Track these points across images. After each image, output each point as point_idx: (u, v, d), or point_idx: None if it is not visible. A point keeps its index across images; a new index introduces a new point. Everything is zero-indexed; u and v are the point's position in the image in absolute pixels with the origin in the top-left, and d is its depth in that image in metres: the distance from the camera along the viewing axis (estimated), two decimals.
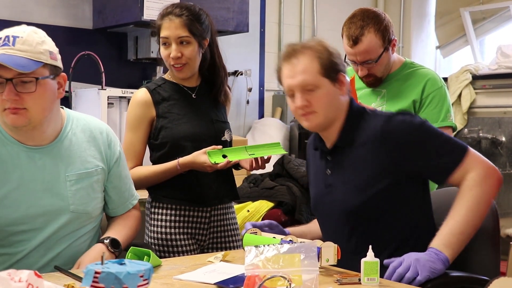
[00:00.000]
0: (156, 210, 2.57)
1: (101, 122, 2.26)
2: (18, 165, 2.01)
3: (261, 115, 5.24)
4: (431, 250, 1.97)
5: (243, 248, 2.03)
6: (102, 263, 1.29)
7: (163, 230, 2.54)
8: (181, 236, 2.54)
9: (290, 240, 1.98)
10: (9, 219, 1.99)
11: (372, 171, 2.06)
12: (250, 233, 2.13)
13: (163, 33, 2.51)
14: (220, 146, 2.47)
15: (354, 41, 2.63)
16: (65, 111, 2.16)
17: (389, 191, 2.05)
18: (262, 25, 5.26)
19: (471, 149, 2.07)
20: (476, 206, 2.01)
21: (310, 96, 2.06)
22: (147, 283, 1.28)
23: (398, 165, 2.05)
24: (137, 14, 3.97)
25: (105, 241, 2.09)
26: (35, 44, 1.93)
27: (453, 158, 2.04)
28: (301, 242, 1.88)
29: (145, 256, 1.99)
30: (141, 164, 2.57)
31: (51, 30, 2.22)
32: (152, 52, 4.20)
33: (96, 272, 1.25)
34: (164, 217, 2.55)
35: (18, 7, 4.05)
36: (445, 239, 1.98)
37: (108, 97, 3.80)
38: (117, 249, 2.09)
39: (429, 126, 2.10)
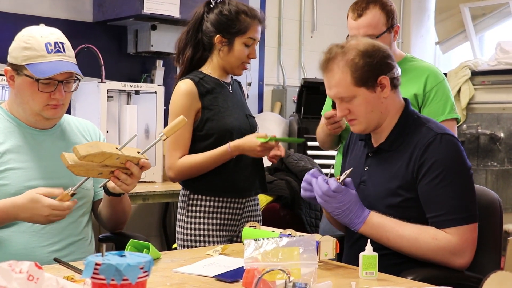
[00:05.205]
0: (195, 202, 2.61)
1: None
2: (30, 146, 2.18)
3: (260, 110, 5.24)
4: (364, 212, 2.01)
5: (243, 242, 2.03)
6: (102, 255, 1.29)
7: (201, 220, 2.59)
8: (215, 227, 2.59)
9: (289, 234, 1.99)
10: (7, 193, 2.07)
11: (401, 182, 2.04)
12: (249, 226, 2.14)
13: (253, 34, 2.60)
14: (265, 134, 2.54)
15: (359, 14, 2.65)
16: None
17: (408, 204, 2.04)
18: None
19: (475, 225, 1.99)
20: (415, 244, 1.98)
21: (349, 105, 2.07)
22: (147, 275, 1.29)
23: (416, 180, 2.02)
24: (137, 7, 3.97)
25: None
26: (71, 48, 2.19)
27: (454, 217, 1.97)
28: (300, 235, 1.89)
29: (144, 249, 2.00)
30: (187, 154, 2.60)
31: (51, 23, 2.23)
32: (152, 45, 4.20)
33: (96, 264, 1.25)
34: (203, 208, 2.60)
35: (18, 0, 4.04)
36: (380, 223, 2.00)
37: (107, 90, 3.80)
38: None
39: (470, 171, 2.04)
